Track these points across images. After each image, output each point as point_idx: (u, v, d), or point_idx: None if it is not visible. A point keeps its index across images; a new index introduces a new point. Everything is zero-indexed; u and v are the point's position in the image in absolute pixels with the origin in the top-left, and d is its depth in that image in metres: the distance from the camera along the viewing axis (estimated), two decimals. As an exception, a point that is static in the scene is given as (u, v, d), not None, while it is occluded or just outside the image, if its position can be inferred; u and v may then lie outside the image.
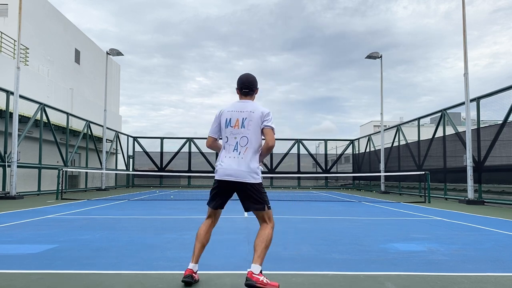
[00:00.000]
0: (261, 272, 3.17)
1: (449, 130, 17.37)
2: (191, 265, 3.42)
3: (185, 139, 31.45)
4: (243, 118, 3.43)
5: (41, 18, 23.97)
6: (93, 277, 3.60)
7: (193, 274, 3.39)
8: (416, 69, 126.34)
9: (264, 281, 3.12)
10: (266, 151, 3.47)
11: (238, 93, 3.63)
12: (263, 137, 3.49)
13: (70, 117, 21.41)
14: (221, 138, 3.60)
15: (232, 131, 3.45)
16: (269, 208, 3.45)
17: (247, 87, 3.56)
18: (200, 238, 3.49)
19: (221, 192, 3.50)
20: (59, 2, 69.68)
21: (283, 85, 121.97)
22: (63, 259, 4.33)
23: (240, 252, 4.80)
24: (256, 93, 3.65)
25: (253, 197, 3.39)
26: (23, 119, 17.35)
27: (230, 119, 3.46)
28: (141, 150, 31.47)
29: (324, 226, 7.60)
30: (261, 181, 3.46)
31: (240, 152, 3.40)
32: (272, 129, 3.43)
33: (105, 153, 24.32)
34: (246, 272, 3.20)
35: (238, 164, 3.38)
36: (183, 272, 3.42)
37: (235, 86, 3.64)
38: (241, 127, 3.42)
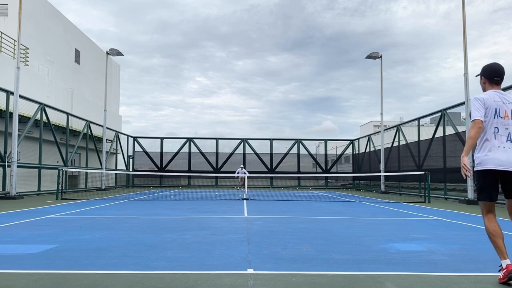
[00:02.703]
0: None
1: (449, 130, 17.36)
2: (507, 261, 3.33)
3: (185, 139, 31.45)
4: (511, 109, 3.45)
5: (41, 18, 23.96)
6: (93, 277, 3.60)
7: None
8: (416, 69, 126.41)
9: None
10: None
11: (485, 83, 3.61)
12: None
13: (70, 117, 21.41)
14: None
15: (503, 121, 3.43)
16: None
17: (499, 75, 3.55)
18: (495, 233, 3.45)
19: (494, 182, 3.48)
20: (59, 2, 69.72)
21: (283, 85, 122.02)
22: (63, 259, 4.33)
23: (240, 252, 4.80)
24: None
25: None
26: (23, 119, 17.35)
27: (499, 109, 3.43)
28: (141, 150, 31.48)
29: (324, 226, 7.60)
30: None
31: None
32: None
33: (105, 153, 24.32)
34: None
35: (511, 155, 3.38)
36: (183, 272, 3.41)
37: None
38: (511, 118, 3.43)
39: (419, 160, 19.56)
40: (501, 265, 3.36)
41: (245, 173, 24.06)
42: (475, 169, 3.60)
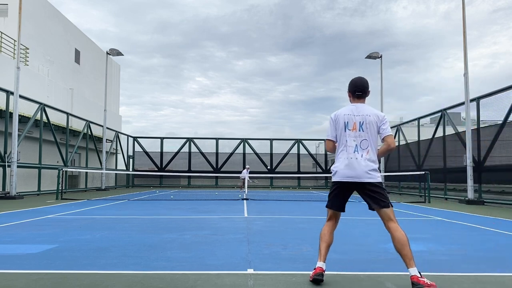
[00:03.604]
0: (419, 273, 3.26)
1: (449, 130, 17.37)
2: (320, 263, 3.49)
3: (185, 139, 31.45)
4: (360, 122, 3.57)
5: (41, 18, 23.96)
6: (93, 277, 3.60)
7: (323, 272, 3.46)
8: (416, 69, 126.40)
9: (428, 282, 3.21)
10: (385, 153, 3.65)
11: (350, 96, 3.76)
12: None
13: (70, 117, 21.41)
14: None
15: (351, 133, 3.56)
16: (391, 205, 3.51)
17: (360, 89, 3.68)
18: (325, 238, 3.59)
19: (342, 194, 3.60)
20: (59, 2, 69.70)
21: (283, 85, 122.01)
22: (63, 259, 4.33)
23: (240, 252, 4.80)
24: (367, 96, 3.75)
25: (375, 197, 3.46)
26: (23, 119, 17.35)
27: (348, 122, 3.59)
28: (141, 150, 31.48)
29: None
30: (380, 180, 3.56)
31: (362, 155, 3.52)
32: (392, 135, 3.61)
33: (105, 153, 24.32)
34: (410, 277, 3.25)
35: (359, 165, 3.49)
36: (183, 272, 3.41)
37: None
38: (359, 130, 3.55)
39: (419, 160, 19.56)
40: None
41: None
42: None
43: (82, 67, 29.56)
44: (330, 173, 3.82)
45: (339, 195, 3.59)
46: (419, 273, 3.25)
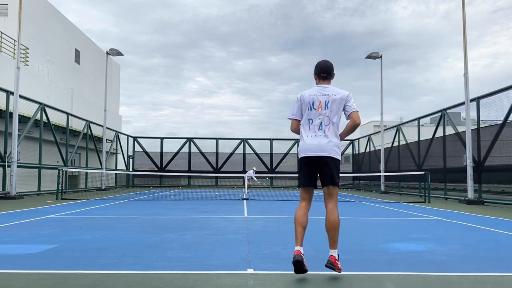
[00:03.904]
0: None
1: (449, 130, 17.36)
2: (297, 247, 3.56)
3: (185, 139, 31.45)
4: (325, 101, 3.73)
5: (41, 18, 23.96)
6: (93, 277, 3.60)
7: (301, 254, 3.51)
8: (416, 69, 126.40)
9: (340, 267, 3.57)
10: (351, 129, 3.81)
11: (316, 78, 3.93)
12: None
13: (70, 117, 21.40)
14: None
15: (316, 112, 3.74)
16: (339, 187, 3.77)
17: (325, 71, 3.85)
18: (299, 221, 3.69)
19: (309, 169, 3.76)
20: (59, 2, 69.68)
21: (283, 85, 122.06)
22: (63, 259, 4.33)
23: (240, 252, 4.80)
24: (332, 78, 3.91)
25: (332, 172, 3.68)
26: (23, 119, 17.34)
27: (313, 102, 3.76)
28: (141, 150, 31.47)
29: (324, 226, 7.58)
30: (340, 159, 3.76)
31: (324, 131, 3.71)
32: (358, 111, 3.77)
33: (105, 153, 24.32)
34: (328, 255, 3.58)
35: (322, 141, 3.68)
36: (183, 272, 3.41)
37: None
38: (325, 109, 3.72)
39: (419, 160, 19.55)
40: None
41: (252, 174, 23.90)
42: None
43: (82, 67, 29.55)
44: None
45: (308, 170, 3.75)
46: (338, 256, 3.60)
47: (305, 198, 3.81)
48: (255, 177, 24.29)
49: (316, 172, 3.77)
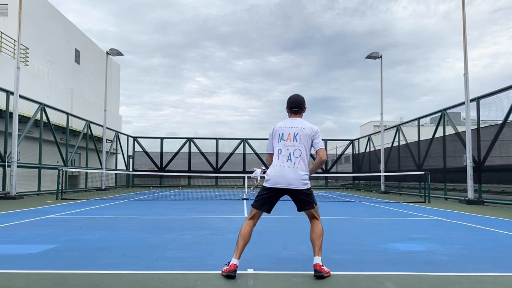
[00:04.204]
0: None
1: (449, 130, 17.36)
2: (235, 261, 3.66)
3: (185, 139, 31.45)
4: (294, 133, 3.87)
5: (41, 18, 23.96)
6: (93, 277, 3.60)
7: (236, 269, 3.62)
8: (416, 69, 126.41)
9: (327, 270, 3.67)
10: (319, 165, 3.93)
11: (288, 112, 4.07)
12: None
13: (70, 117, 21.41)
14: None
15: (285, 143, 3.86)
16: (316, 204, 3.89)
17: (296, 105, 3.99)
18: (244, 237, 3.82)
19: (272, 198, 3.90)
20: (59, 2, 69.66)
21: (283, 85, 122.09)
22: (63, 259, 4.33)
23: (240, 252, 4.79)
24: (304, 112, 4.07)
25: (305, 201, 3.82)
26: (23, 119, 17.34)
27: (283, 133, 3.90)
28: (141, 150, 31.47)
29: (324, 226, 7.58)
30: (309, 186, 3.88)
31: (294, 163, 3.80)
32: (324, 148, 3.92)
33: (105, 153, 24.32)
34: (313, 264, 3.63)
35: (291, 173, 3.77)
36: (183, 272, 3.41)
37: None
38: (293, 140, 3.85)
39: (419, 160, 19.55)
40: (230, 261, 3.69)
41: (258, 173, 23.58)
42: None
43: (82, 67, 29.55)
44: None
45: (269, 199, 3.88)
46: (321, 262, 3.67)
47: (255, 218, 3.94)
48: (261, 177, 24.07)
49: (277, 200, 3.92)
